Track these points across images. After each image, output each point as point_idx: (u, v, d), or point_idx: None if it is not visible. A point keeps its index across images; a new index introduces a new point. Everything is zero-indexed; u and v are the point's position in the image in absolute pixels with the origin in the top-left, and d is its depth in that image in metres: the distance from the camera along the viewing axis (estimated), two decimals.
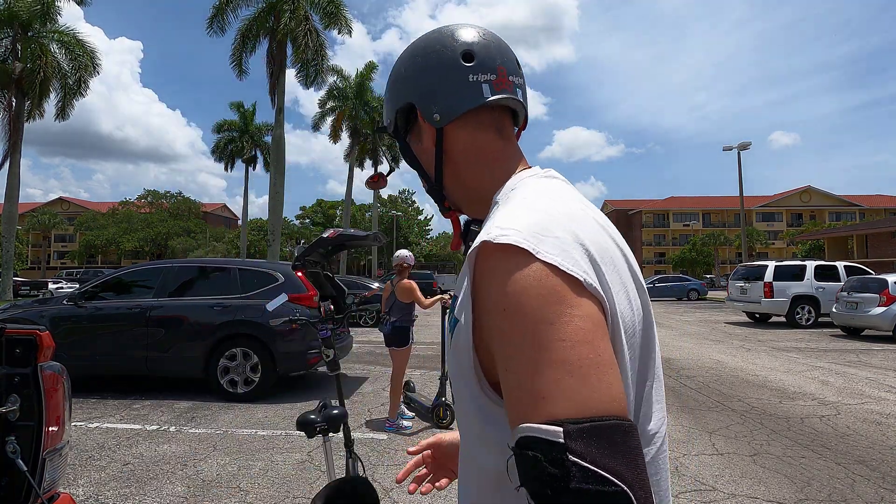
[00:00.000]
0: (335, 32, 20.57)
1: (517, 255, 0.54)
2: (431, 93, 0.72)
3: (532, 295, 0.52)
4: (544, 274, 0.53)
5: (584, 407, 0.47)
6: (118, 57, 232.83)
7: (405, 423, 4.97)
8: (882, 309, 11.25)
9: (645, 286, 0.67)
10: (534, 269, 0.53)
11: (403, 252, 5.14)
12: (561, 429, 0.46)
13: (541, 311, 0.52)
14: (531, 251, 0.54)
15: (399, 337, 5.00)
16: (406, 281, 5.02)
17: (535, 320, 0.51)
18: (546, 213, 0.60)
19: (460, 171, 0.74)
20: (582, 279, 0.54)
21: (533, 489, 0.46)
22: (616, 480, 0.44)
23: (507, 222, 0.58)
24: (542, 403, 0.48)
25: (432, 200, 0.78)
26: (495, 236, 0.56)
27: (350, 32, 20.56)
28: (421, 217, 67.92)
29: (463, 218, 0.81)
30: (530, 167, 0.75)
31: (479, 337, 0.59)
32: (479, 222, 0.72)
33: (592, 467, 0.44)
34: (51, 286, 29.43)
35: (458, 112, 0.71)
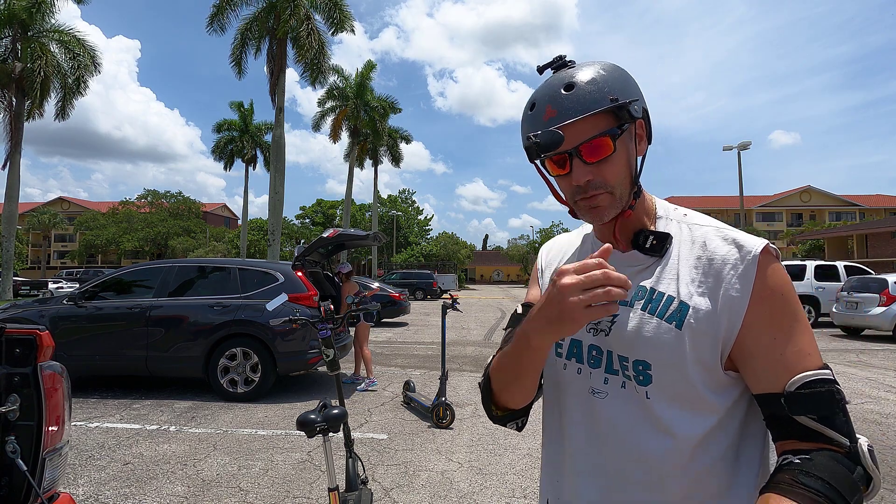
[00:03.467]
0: (341, 33, 20.58)
1: (777, 257, 0.79)
2: (648, 115, 0.86)
3: (791, 284, 0.78)
4: (782, 267, 0.79)
5: (821, 359, 0.76)
6: (115, 56, 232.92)
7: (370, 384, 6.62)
8: (882, 309, 11.25)
9: None
10: (785, 269, 0.79)
11: (347, 263, 7.43)
12: (829, 371, 0.74)
13: (796, 296, 0.78)
14: (780, 256, 0.81)
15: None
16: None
17: (796, 302, 0.77)
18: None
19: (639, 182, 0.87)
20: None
21: (825, 412, 0.71)
22: None
23: (750, 235, 0.81)
24: (809, 358, 0.74)
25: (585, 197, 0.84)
26: (767, 243, 0.78)
27: (353, 30, 20.56)
28: (421, 217, 67.95)
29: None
30: None
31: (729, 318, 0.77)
32: (643, 231, 0.87)
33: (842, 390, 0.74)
34: (51, 286, 29.39)
35: (652, 139, 0.88)
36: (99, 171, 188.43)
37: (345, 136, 31.82)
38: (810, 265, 14.36)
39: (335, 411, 2.21)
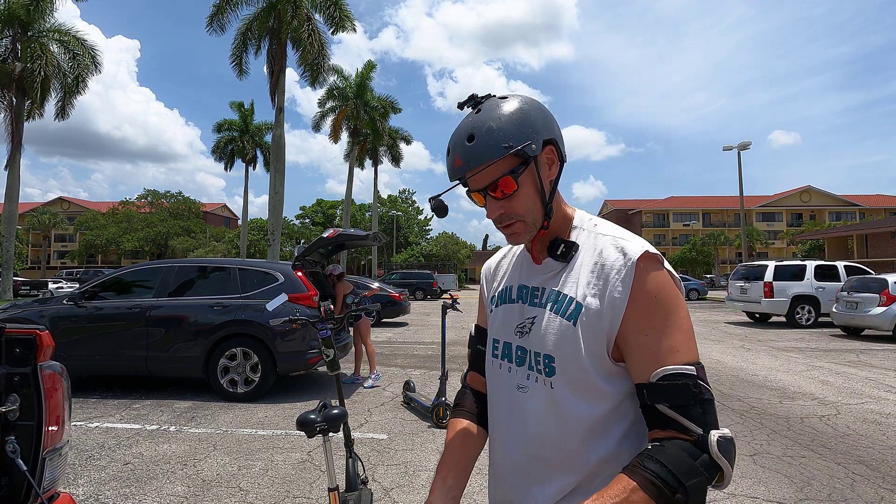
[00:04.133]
0: (342, 33, 20.57)
1: (658, 262, 0.89)
2: (561, 138, 0.97)
3: (669, 287, 0.88)
4: (670, 276, 0.89)
5: (696, 356, 0.86)
6: (115, 56, 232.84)
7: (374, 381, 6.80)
8: (882, 309, 11.25)
9: None
10: (666, 273, 0.89)
11: (338, 265, 7.14)
12: (694, 367, 0.83)
13: (674, 298, 0.87)
14: (662, 261, 0.90)
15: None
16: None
17: (672, 303, 0.87)
18: (647, 244, 0.93)
19: (557, 198, 0.99)
20: (679, 279, 0.91)
21: (680, 402, 0.82)
22: (712, 393, 0.84)
23: (639, 241, 0.92)
24: (676, 355, 0.84)
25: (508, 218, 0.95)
26: (648, 248, 0.89)
27: (354, 28, 20.55)
28: (421, 217, 67.93)
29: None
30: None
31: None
32: (557, 241, 0.98)
33: (708, 387, 0.84)
34: (51, 286, 29.39)
35: (566, 158, 0.99)
36: (99, 171, 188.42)
37: (345, 136, 31.83)
38: (810, 265, 14.35)
39: (335, 411, 2.20)
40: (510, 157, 0.89)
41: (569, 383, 0.90)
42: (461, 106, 0.97)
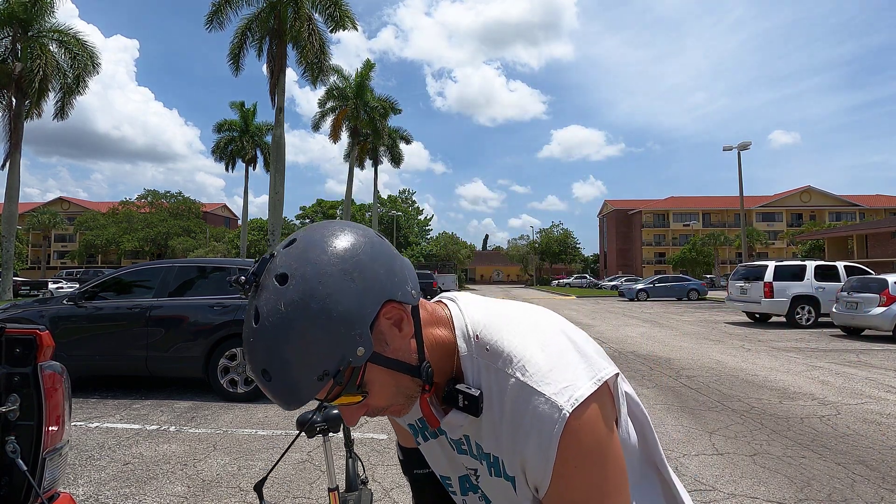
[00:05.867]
0: (341, 31, 20.59)
1: (580, 421, 0.65)
2: (403, 278, 0.70)
3: (595, 447, 0.66)
4: (592, 417, 0.66)
5: None
6: (114, 55, 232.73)
7: None
8: (882, 309, 11.25)
9: None
10: (591, 429, 0.66)
11: None
12: None
13: (597, 465, 0.66)
14: (585, 410, 0.66)
15: None
16: None
17: (597, 472, 0.66)
18: (549, 353, 0.70)
19: (428, 338, 0.74)
20: (610, 383, 0.70)
21: None
22: None
23: (553, 387, 0.66)
24: None
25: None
26: (569, 417, 0.65)
27: (355, 26, 20.54)
28: (421, 217, 67.97)
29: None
30: (434, 308, 0.79)
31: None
32: (457, 390, 0.73)
33: None
34: (51, 286, 29.41)
35: (416, 300, 0.72)
36: (98, 171, 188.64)
37: (345, 137, 31.90)
38: (810, 265, 14.36)
39: (335, 411, 2.20)
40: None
41: None
42: (230, 284, 0.71)
